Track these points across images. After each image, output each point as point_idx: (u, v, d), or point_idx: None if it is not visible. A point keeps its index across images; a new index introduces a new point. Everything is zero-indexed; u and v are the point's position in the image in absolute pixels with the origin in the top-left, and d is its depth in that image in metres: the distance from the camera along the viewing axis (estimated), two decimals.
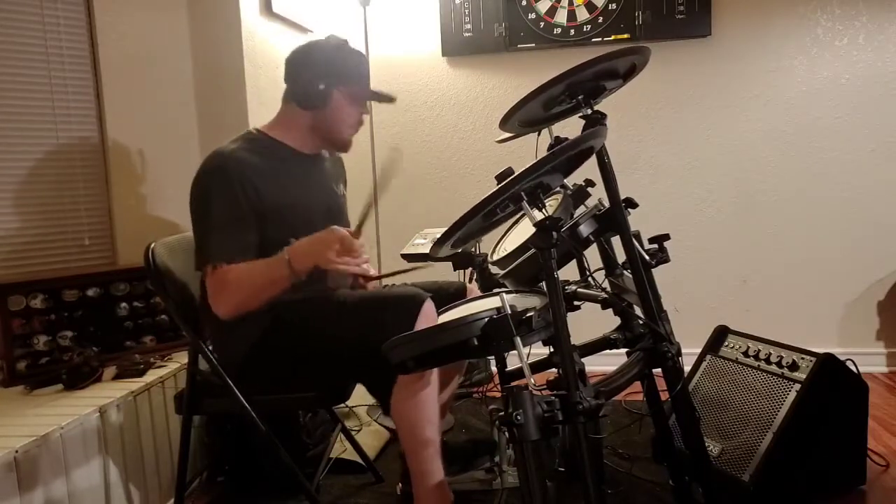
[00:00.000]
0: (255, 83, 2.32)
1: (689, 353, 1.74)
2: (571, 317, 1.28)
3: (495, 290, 1.58)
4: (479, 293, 1.76)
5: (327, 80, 1.58)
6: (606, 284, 1.61)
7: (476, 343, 1.16)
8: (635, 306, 1.56)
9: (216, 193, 1.49)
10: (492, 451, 1.92)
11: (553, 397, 1.14)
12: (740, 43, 2.84)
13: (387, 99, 1.73)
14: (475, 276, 1.98)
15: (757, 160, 2.90)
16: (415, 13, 3.01)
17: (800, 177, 2.87)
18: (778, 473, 1.68)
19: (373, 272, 1.56)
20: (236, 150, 1.56)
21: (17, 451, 1.39)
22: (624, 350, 1.58)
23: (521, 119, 1.56)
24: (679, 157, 2.95)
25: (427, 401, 1.44)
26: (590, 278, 1.59)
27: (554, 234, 1.16)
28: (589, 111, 1.48)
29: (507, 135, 1.72)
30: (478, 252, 1.98)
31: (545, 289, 1.21)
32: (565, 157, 1.23)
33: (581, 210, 1.62)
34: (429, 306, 1.45)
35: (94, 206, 2.18)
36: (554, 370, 1.23)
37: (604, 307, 1.57)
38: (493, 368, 2.53)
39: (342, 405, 2.22)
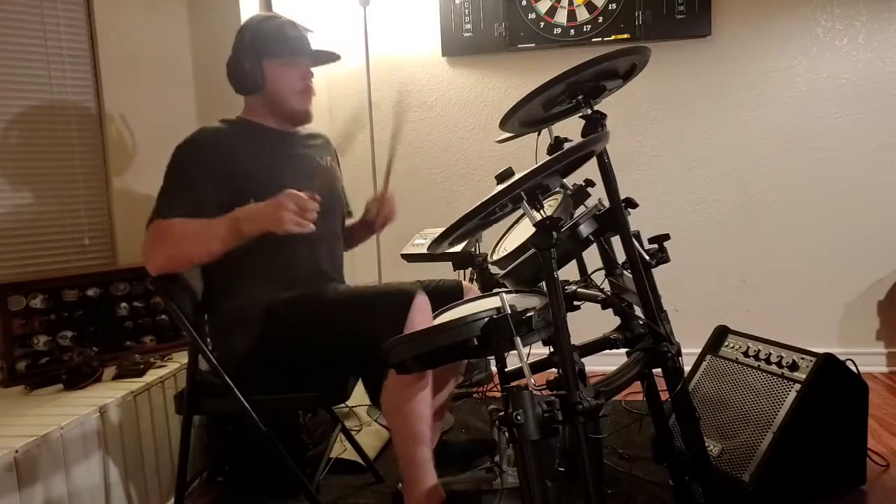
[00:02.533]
0: None
1: (689, 353, 1.74)
2: (571, 317, 1.28)
3: (495, 290, 1.58)
4: (477, 292, 1.76)
5: (252, 58, 1.60)
6: (606, 284, 1.61)
7: (476, 343, 1.16)
8: (635, 306, 1.55)
9: (179, 158, 1.53)
10: (492, 451, 1.92)
11: (553, 397, 1.14)
12: (740, 43, 2.84)
13: (328, 57, 1.71)
14: (475, 276, 1.98)
15: (757, 160, 2.90)
16: (415, 13, 3.01)
17: (800, 177, 2.87)
18: (778, 473, 1.69)
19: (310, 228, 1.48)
20: (213, 125, 1.62)
21: (17, 451, 1.39)
22: (624, 350, 1.58)
23: (520, 119, 1.56)
24: (679, 157, 2.95)
25: (417, 389, 1.44)
26: (589, 279, 1.59)
27: (554, 234, 1.16)
28: (589, 111, 1.48)
29: (507, 135, 1.72)
30: (478, 252, 1.99)
31: (545, 289, 1.21)
32: (568, 161, 1.23)
33: (581, 210, 1.61)
34: (421, 299, 1.45)
35: (94, 205, 2.18)
36: (554, 370, 1.23)
37: (604, 307, 1.57)
38: (493, 368, 2.53)
39: (342, 405, 2.22)
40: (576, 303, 1.65)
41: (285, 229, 1.38)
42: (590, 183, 1.66)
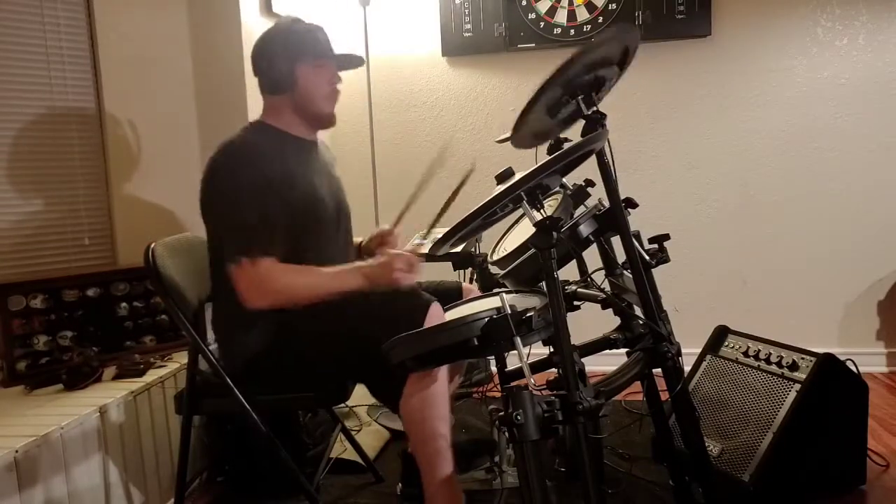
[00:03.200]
0: (256, 83, 2.32)
1: (689, 353, 1.74)
2: (571, 317, 1.28)
3: (495, 290, 1.58)
4: (477, 293, 1.76)
5: (287, 60, 1.60)
6: (606, 284, 1.61)
7: (476, 343, 1.16)
8: (635, 306, 1.55)
9: (240, 183, 1.49)
10: (492, 451, 1.92)
11: (553, 397, 1.14)
12: (740, 43, 2.84)
13: (355, 62, 1.73)
14: (475, 276, 1.98)
15: (757, 160, 2.90)
16: (415, 13, 3.01)
17: (800, 177, 2.87)
18: (778, 473, 1.68)
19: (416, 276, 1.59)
20: (246, 138, 1.59)
21: (17, 451, 1.39)
22: (624, 350, 1.58)
23: (531, 130, 1.55)
24: (679, 157, 2.95)
25: (436, 396, 1.43)
26: (589, 278, 1.59)
27: (554, 234, 1.16)
28: (589, 112, 1.48)
29: (507, 135, 1.72)
30: (478, 252, 1.99)
31: (545, 289, 1.21)
32: (568, 161, 1.23)
33: (581, 210, 1.61)
34: (435, 308, 1.45)
35: (94, 206, 2.18)
36: (554, 370, 1.23)
37: (604, 307, 1.57)
38: (493, 368, 2.53)
39: (342, 405, 2.22)
40: (576, 303, 1.65)
41: (395, 284, 1.50)
42: (590, 183, 1.66)
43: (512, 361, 1.20)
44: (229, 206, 1.49)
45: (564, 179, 1.63)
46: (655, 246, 1.65)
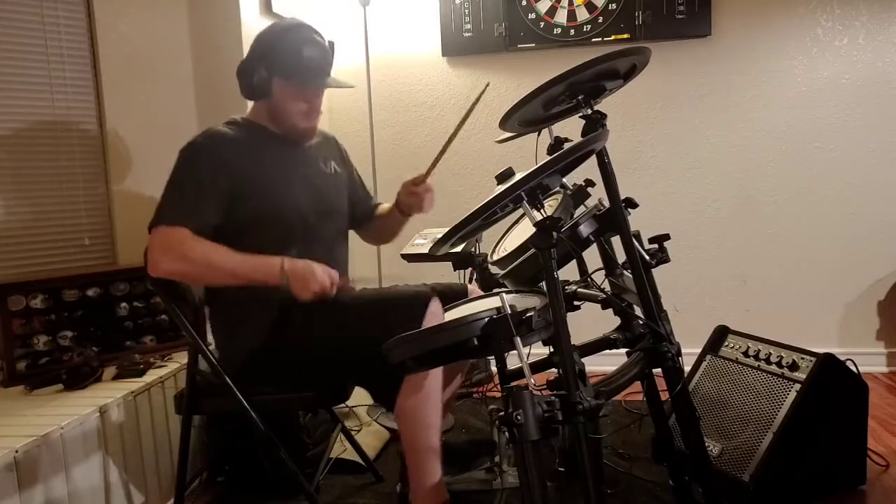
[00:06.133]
0: None
1: (689, 353, 1.74)
2: (571, 317, 1.28)
3: (495, 290, 1.58)
4: (480, 293, 1.76)
5: (264, 70, 1.58)
6: (606, 284, 1.61)
7: (476, 343, 1.16)
8: (635, 306, 1.55)
9: (185, 162, 1.53)
10: (492, 451, 1.92)
11: (553, 397, 1.14)
12: (740, 43, 2.84)
13: (341, 86, 1.69)
14: (475, 276, 1.98)
15: (757, 160, 2.90)
16: (415, 13, 3.01)
17: (800, 177, 2.87)
18: (778, 473, 1.69)
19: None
20: (219, 128, 1.61)
21: (17, 451, 1.39)
22: (624, 350, 1.58)
23: (520, 119, 1.56)
24: (679, 157, 2.95)
25: (431, 397, 1.43)
26: (589, 278, 1.59)
27: (554, 234, 1.16)
28: (589, 111, 1.48)
29: (508, 135, 1.72)
30: (478, 252, 1.99)
31: (545, 289, 1.21)
32: (569, 160, 1.23)
33: (581, 210, 1.61)
34: (435, 305, 1.45)
35: (94, 206, 2.18)
36: (554, 370, 1.23)
37: (604, 307, 1.57)
38: (493, 368, 2.53)
39: (342, 405, 2.22)
40: (576, 303, 1.65)
41: (301, 296, 1.46)
42: (590, 183, 1.66)
43: (512, 361, 1.20)
44: (171, 177, 1.53)
45: (564, 179, 1.63)
46: (655, 246, 1.65)
